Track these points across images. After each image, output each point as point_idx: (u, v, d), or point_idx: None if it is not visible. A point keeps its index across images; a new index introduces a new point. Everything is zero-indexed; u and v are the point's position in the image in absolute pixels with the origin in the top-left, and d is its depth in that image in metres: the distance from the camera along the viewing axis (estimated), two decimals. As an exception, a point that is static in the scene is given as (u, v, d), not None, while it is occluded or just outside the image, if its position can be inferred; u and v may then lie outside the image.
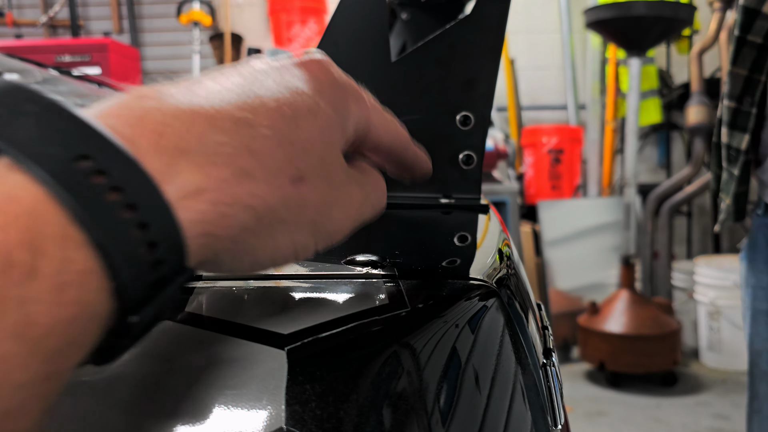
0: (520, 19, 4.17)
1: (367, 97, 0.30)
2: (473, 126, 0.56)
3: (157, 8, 4.25)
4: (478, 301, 0.30)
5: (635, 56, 2.99)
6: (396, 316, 0.26)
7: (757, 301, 1.16)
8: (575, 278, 3.48)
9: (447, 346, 0.26)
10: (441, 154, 0.55)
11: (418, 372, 0.24)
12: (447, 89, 0.56)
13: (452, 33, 0.55)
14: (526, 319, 0.35)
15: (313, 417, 0.21)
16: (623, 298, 3.03)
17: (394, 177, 0.36)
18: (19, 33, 3.99)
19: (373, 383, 0.23)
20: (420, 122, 0.56)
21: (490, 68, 0.55)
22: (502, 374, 0.28)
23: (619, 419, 2.64)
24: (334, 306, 0.27)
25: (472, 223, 0.50)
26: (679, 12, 2.91)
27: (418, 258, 0.36)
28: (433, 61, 0.56)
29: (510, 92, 3.99)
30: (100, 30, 4.19)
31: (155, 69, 4.27)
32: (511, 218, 3.47)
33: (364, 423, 0.21)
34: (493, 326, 0.29)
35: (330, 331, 0.24)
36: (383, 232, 0.46)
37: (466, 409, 0.25)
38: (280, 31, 3.89)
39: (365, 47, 0.55)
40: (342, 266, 0.31)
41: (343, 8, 0.55)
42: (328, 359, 0.23)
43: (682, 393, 2.91)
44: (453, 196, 0.55)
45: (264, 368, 0.22)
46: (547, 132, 3.69)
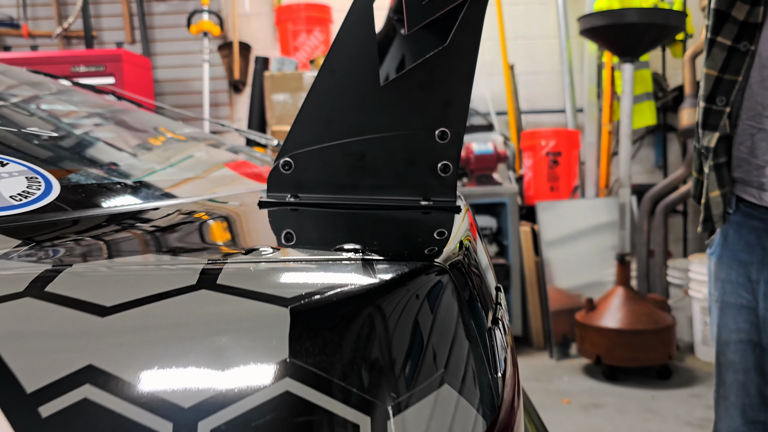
0: (519, 26, 4.29)
1: None
2: (450, 140, 0.67)
3: (167, 19, 4.38)
4: (434, 276, 0.42)
5: (628, 62, 3.10)
6: (370, 287, 0.38)
7: (726, 294, 1.25)
8: (574, 277, 3.59)
9: (407, 310, 0.38)
10: (422, 164, 0.67)
11: (385, 327, 0.36)
12: (427, 109, 0.66)
13: (432, 61, 0.66)
14: (474, 293, 0.47)
15: (308, 353, 0.33)
16: (619, 294, 3.13)
17: None
18: (34, 44, 4.13)
19: (352, 333, 0.35)
20: (404, 137, 0.67)
21: (464, 91, 0.67)
22: (449, 331, 0.41)
23: (613, 411, 2.75)
24: (324, 281, 0.39)
25: (446, 221, 0.62)
26: (670, 19, 3.01)
27: (394, 247, 0.48)
28: (416, 84, 0.66)
29: (509, 97, 4.10)
30: (112, 40, 4.33)
31: (166, 78, 4.40)
32: (510, 218, 3.58)
33: (342, 360, 0.34)
34: (444, 297, 0.41)
35: (319, 296, 0.36)
36: (372, 228, 0.58)
37: (415, 350, 0.37)
38: (286, 40, 4.01)
39: (358, 73, 0.66)
40: (333, 252, 0.43)
41: (340, 41, 0.66)
42: (318, 316, 0.35)
43: (677, 386, 3.02)
44: (432, 199, 0.66)
45: (274, 319, 0.35)
46: (545, 135, 3.80)
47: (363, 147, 0.67)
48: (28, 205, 0.53)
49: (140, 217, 0.58)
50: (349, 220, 0.62)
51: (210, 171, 1.02)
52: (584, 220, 3.65)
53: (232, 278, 0.38)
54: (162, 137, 1.15)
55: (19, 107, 0.88)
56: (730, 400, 1.26)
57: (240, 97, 4.43)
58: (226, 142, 1.35)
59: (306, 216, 0.63)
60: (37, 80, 1.17)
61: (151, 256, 0.44)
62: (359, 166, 0.67)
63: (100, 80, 3.57)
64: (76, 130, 0.89)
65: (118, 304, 0.35)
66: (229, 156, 1.21)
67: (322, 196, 0.66)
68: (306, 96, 0.65)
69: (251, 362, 0.33)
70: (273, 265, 0.41)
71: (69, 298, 0.36)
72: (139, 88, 3.83)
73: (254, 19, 4.37)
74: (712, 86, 1.15)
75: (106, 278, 0.39)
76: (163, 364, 0.33)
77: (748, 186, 1.16)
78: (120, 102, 1.47)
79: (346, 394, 0.34)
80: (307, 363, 0.33)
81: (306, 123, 0.66)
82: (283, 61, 3.69)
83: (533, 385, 3.07)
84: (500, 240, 3.72)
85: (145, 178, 0.76)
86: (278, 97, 3.57)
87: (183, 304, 0.36)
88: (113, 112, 1.19)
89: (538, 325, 3.63)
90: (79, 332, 0.34)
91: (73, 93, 1.19)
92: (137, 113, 1.31)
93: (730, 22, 1.12)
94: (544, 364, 3.39)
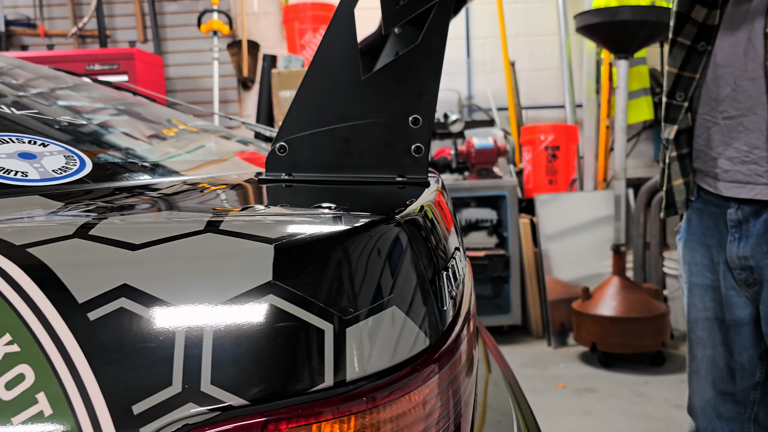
0: (520, 23, 4.39)
1: None
2: (421, 125, 0.78)
3: (178, 18, 4.52)
4: (392, 226, 0.53)
5: (623, 59, 3.19)
6: (337, 231, 0.49)
7: (693, 276, 1.34)
8: (572, 268, 3.69)
9: (366, 250, 0.50)
10: (398, 146, 0.78)
11: (348, 261, 0.48)
12: (402, 99, 0.77)
13: (406, 57, 0.77)
14: (424, 244, 0.58)
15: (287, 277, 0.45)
16: (614, 283, 3.23)
17: None
18: (50, 44, 4.27)
19: (321, 264, 0.47)
20: (383, 123, 0.78)
21: (434, 83, 0.78)
22: (400, 269, 0.52)
23: (605, 394, 2.85)
24: (301, 227, 0.50)
25: (414, 193, 0.73)
26: (664, 16, 3.10)
27: (364, 207, 0.59)
28: (393, 78, 0.77)
29: (510, 93, 4.20)
30: (125, 39, 4.47)
31: (177, 75, 4.54)
32: (510, 211, 3.69)
33: (312, 283, 0.45)
34: (398, 243, 0.53)
35: (296, 237, 0.48)
36: (351, 196, 0.70)
37: (371, 282, 0.49)
38: (293, 39, 4.13)
39: (343, 69, 0.77)
40: (312, 209, 0.55)
41: (327, 41, 0.77)
42: (294, 250, 0.47)
43: (669, 372, 3.12)
44: (407, 176, 0.77)
45: (262, 253, 0.46)
46: (544, 130, 3.90)
47: (348, 132, 0.78)
48: (67, 177, 0.65)
49: (158, 187, 0.70)
50: (333, 192, 0.73)
51: (222, 159, 1.14)
52: (582, 213, 3.75)
53: (231, 225, 0.50)
54: (175, 128, 1.27)
55: (53, 100, 1.01)
56: (701, 374, 1.35)
57: (248, 93, 4.56)
58: (237, 135, 1.46)
59: (297, 189, 0.75)
60: (64, 78, 1.29)
61: (169, 213, 0.56)
62: (345, 149, 0.78)
63: (114, 78, 3.70)
64: (102, 119, 1.02)
65: (145, 242, 0.47)
66: (240, 147, 1.33)
67: (313, 174, 0.78)
68: (298, 88, 0.76)
69: (244, 283, 0.45)
70: (262, 217, 0.53)
71: (107, 239, 0.48)
72: (152, 85, 3.96)
73: (262, 18, 4.49)
74: (673, 83, 1.25)
75: (134, 226, 0.51)
76: (179, 284, 0.45)
77: (705, 176, 1.26)
78: (136, 97, 1.60)
79: (314, 308, 0.46)
80: (285, 284, 0.45)
81: (299, 112, 0.78)
82: (290, 59, 3.81)
83: (529, 371, 3.18)
84: (500, 232, 3.82)
85: (163, 160, 0.88)
86: (285, 93, 3.69)
87: (193, 242, 0.48)
88: (132, 105, 1.31)
89: (537, 315, 3.73)
90: (115, 261, 0.46)
91: (95, 89, 1.32)
92: (153, 107, 1.43)
93: (690, 23, 1.22)
94: (542, 351, 3.50)
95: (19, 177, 0.63)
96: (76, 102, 1.09)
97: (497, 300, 3.83)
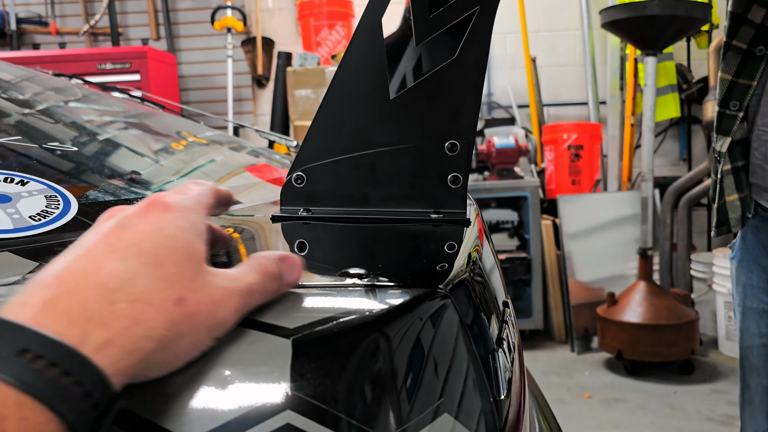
0: (541, 19, 4.26)
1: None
2: (459, 151, 0.67)
3: (192, 15, 4.43)
4: (437, 301, 0.43)
5: (651, 55, 3.06)
6: (372, 317, 0.39)
7: (747, 299, 1.24)
8: (595, 270, 3.58)
9: (407, 340, 0.40)
10: (432, 175, 0.68)
11: (385, 358, 0.38)
12: (436, 121, 0.67)
13: (440, 73, 0.67)
14: (477, 317, 0.48)
15: (309, 385, 0.35)
16: (641, 289, 3.12)
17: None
18: (62, 42, 4.21)
19: (353, 365, 0.37)
20: (414, 149, 0.68)
21: (473, 102, 0.67)
22: (447, 356, 0.42)
23: (635, 406, 2.74)
24: (326, 310, 0.40)
25: (455, 235, 0.62)
26: (694, 11, 2.96)
27: (399, 269, 0.49)
28: (425, 97, 0.67)
29: (531, 90, 4.08)
30: (138, 37, 4.39)
31: (191, 73, 4.46)
32: (532, 212, 3.57)
33: (342, 392, 0.35)
34: (445, 324, 0.43)
35: (320, 326, 0.38)
36: (380, 245, 0.60)
37: (416, 379, 0.39)
38: (308, 35, 4.03)
39: (368, 87, 0.67)
40: (338, 277, 0.44)
41: (350, 54, 0.66)
42: (319, 347, 0.37)
43: (699, 381, 3.00)
44: (442, 211, 0.67)
45: (274, 351, 0.36)
46: (567, 129, 3.77)
47: (373, 159, 0.68)
48: (46, 225, 0.56)
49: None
50: (358, 235, 0.63)
51: (231, 176, 1.05)
52: (606, 214, 3.63)
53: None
54: (184, 141, 1.18)
55: (41, 116, 0.92)
56: (755, 404, 1.25)
57: (263, 91, 4.47)
58: (248, 145, 1.37)
59: (316, 231, 0.65)
60: (58, 85, 1.20)
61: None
62: (370, 179, 0.68)
63: (127, 77, 3.63)
64: (95, 141, 0.92)
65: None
66: (250, 159, 1.24)
67: (334, 209, 0.68)
68: (317, 109, 0.67)
69: (254, 393, 0.35)
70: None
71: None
72: (164, 84, 3.88)
73: (277, 14, 4.40)
74: (726, 90, 1.14)
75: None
76: (167, 396, 0.34)
77: (763, 191, 1.15)
78: (143, 105, 1.51)
79: (346, 427, 0.35)
80: (307, 395, 0.35)
81: (317, 136, 0.68)
82: (305, 57, 3.71)
83: (554, 380, 3.08)
84: (521, 234, 3.71)
85: (165, 186, 0.78)
86: (301, 92, 3.60)
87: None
88: (135, 117, 1.21)
89: (560, 319, 3.62)
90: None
91: (94, 98, 1.22)
92: (159, 117, 1.34)
93: (747, 25, 1.10)
94: (566, 358, 3.39)
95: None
96: (68, 119, 0.99)
97: (518, 304, 3.72)
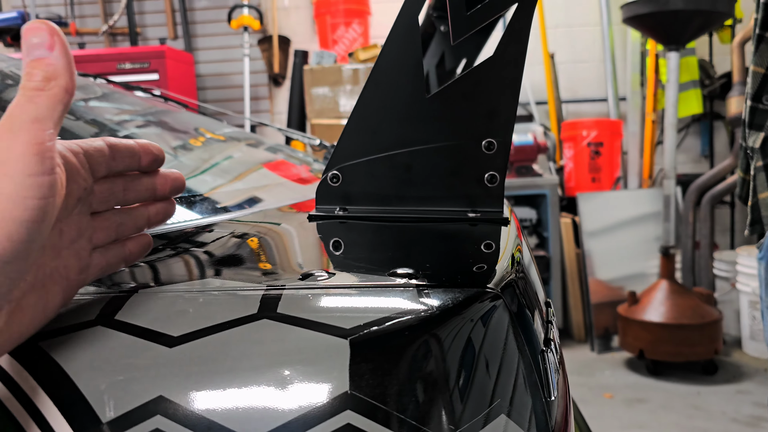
0: (559, 14, 4.22)
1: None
2: (496, 150, 0.66)
3: (209, 14, 4.44)
4: (488, 302, 0.42)
5: (673, 50, 3.02)
6: (426, 316, 0.39)
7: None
8: (616, 269, 3.54)
9: (462, 340, 0.39)
10: (468, 174, 0.67)
11: (442, 358, 0.37)
12: (473, 119, 0.66)
13: (477, 71, 0.66)
14: (526, 316, 0.47)
15: (368, 386, 0.34)
16: (663, 288, 3.08)
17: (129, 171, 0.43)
18: (82, 42, 4.23)
19: (410, 365, 0.36)
20: (450, 148, 0.67)
21: (511, 100, 0.66)
22: (502, 357, 0.41)
23: (658, 406, 2.71)
24: (381, 310, 0.39)
25: (495, 234, 0.61)
26: (718, 5, 2.92)
27: (445, 269, 0.48)
28: (461, 95, 0.66)
29: (549, 86, 4.05)
30: (156, 36, 4.41)
31: (208, 72, 4.47)
32: (551, 210, 3.55)
33: (401, 392, 0.35)
34: (496, 323, 0.42)
35: (376, 326, 0.37)
36: (422, 244, 0.59)
37: (473, 380, 0.38)
38: (325, 33, 4.02)
39: (404, 85, 0.66)
40: (387, 277, 0.44)
41: (385, 53, 0.66)
42: (376, 347, 0.36)
43: (723, 381, 2.96)
44: (479, 210, 0.66)
45: (333, 351, 0.35)
46: (587, 125, 3.74)
47: (409, 159, 0.67)
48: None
49: (195, 234, 0.59)
50: (398, 234, 0.62)
51: (249, 172, 1.04)
52: (627, 212, 3.59)
53: (291, 307, 0.39)
54: (202, 137, 1.17)
55: (77, 118, 0.91)
56: None
57: (279, 90, 4.47)
58: (265, 141, 1.37)
59: (355, 230, 0.64)
60: (84, 84, 1.20)
61: (212, 280, 0.46)
62: (406, 178, 0.67)
63: (145, 76, 3.64)
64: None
65: (185, 334, 0.37)
66: (268, 156, 1.23)
67: (370, 208, 0.67)
68: (353, 109, 0.66)
69: (313, 394, 0.34)
70: (329, 292, 0.42)
71: (137, 328, 0.38)
72: (182, 83, 3.89)
73: (293, 12, 4.39)
74: (759, 84, 1.11)
75: (171, 304, 0.41)
76: (229, 396, 0.34)
77: None
78: (164, 103, 1.51)
79: (405, 427, 0.35)
80: (366, 395, 0.34)
81: (353, 135, 0.67)
82: (322, 55, 3.70)
83: (575, 379, 3.05)
84: (540, 232, 3.69)
85: (194, 186, 0.78)
86: (318, 90, 3.59)
87: (246, 335, 0.37)
88: (156, 115, 1.21)
89: (579, 318, 3.59)
90: (149, 363, 0.36)
91: (117, 96, 1.22)
92: (180, 114, 1.34)
93: None
94: (586, 357, 3.36)
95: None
96: (95, 117, 0.99)
97: (537, 302, 3.69)
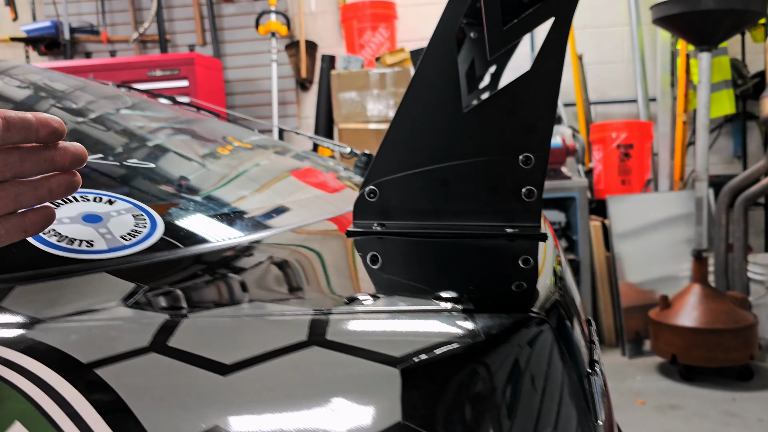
0: (587, 15, 4.18)
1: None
2: (533, 165, 0.66)
3: (237, 20, 4.49)
4: (534, 327, 0.42)
5: (705, 51, 2.97)
6: (475, 344, 0.39)
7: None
8: (647, 272, 3.49)
9: (512, 367, 0.39)
10: (506, 189, 0.67)
11: (493, 386, 0.37)
12: (510, 134, 0.66)
13: (515, 86, 0.66)
14: (571, 339, 0.47)
15: (420, 415, 0.34)
16: (695, 292, 3.03)
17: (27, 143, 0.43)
18: (113, 50, 4.31)
19: (461, 393, 0.36)
20: (488, 163, 0.67)
21: (548, 114, 0.66)
22: (551, 383, 0.41)
23: (692, 413, 2.67)
24: (429, 336, 0.39)
25: (533, 249, 0.61)
26: (751, 4, 2.86)
27: (489, 291, 0.48)
28: (498, 110, 0.66)
29: (577, 88, 4.01)
30: (185, 43, 4.47)
31: (236, 78, 4.51)
32: (580, 213, 3.51)
33: (453, 421, 0.35)
34: (544, 348, 0.42)
35: (426, 354, 0.37)
36: (463, 262, 0.59)
37: (525, 408, 0.38)
38: (352, 38, 4.04)
39: (441, 101, 0.66)
40: (431, 301, 0.44)
41: (423, 68, 0.66)
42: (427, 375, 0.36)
43: (759, 387, 2.90)
44: (516, 225, 0.66)
45: (384, 380, 0.36)
46: (616, 127, 3.69)
47: (446, 173, 0.67)
48: (137, 244, 0.56)
49: (239, 254, 0.60)
50: (438, 251, 0.62)
51: (277, 180, 1.05)
52: (657, 214, 3.54)
53: (340, 333, 0.40)
54: (230, 146, 1.19)
55: (107, 127, 0.93)
56: None
57: (307, 95, 4.49)
58: (292, 148, 1.38)
59: (394, 246, 0.64)
60: (115, 94, 1.22)
61: (260, 305, 0.46)
62: (443, 193, 0.68)
63: (175, 83, 3.69)
64: (162, 153, 0.93)
65: (238, 362, 0.38)
66: (295, 163, 1.24)
67: (407, 223, 0.68)
68: (390, 124, 0.66)
69: (367, 424, 0.34)
70: (376, 317, 0.43)
71: (190, 355, 0.39)
72: (211, 89, 3.94)
73: (320, 17, 4.42)
74: None
75: (223, 331, 0.41)
76: (282, 426, 0.35)
77: None
78: (195, 112, 1.53)
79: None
80: (419, 425, 0.35)
81: (390, 151, 0.68)
82: (349, 59, 3.72)
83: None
84: (569, 235, 3.65)
85: (215, 191, 0.79)
86: (345, 95, 3.60)
87: (297, 363, 0.38)
88: (187, 124, 1.23)
89: (610, 322, 3.55)
90: (204, 392, 0.36)
91: (149, 106, 1.24)
92: (208, 122, 1.35)
93: None
94: (617, 362, 3.32)
95: (84, 248, 0.54)
96: (128, 127, 1.00)
97: (567, 306, 3.66)
